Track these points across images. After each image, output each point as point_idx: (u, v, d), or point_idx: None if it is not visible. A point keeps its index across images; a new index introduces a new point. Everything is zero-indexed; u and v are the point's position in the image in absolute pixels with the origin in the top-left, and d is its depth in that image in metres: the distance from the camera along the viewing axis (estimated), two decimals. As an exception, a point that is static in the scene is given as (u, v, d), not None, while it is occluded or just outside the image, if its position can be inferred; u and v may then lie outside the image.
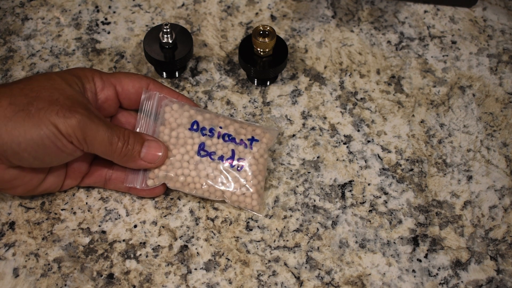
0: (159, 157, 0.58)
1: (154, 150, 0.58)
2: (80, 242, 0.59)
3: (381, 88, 0.68)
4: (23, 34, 0.71)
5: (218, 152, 0.60)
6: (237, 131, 0.61)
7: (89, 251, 0.58)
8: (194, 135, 0.60)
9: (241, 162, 0.60)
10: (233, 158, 0.60)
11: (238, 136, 0.61)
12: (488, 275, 0.58)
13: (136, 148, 0.57)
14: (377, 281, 0.58)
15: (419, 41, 0.72)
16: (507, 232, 0.61)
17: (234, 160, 0.60)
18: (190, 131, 0.60)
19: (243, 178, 0.60)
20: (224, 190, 0.60)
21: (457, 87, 0.69)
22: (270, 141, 0.61)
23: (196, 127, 0.60)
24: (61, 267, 0.57)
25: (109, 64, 0.69)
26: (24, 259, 0.58)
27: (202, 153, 0.60)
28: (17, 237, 0.59)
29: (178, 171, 0.59)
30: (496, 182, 0.63)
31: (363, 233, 0.60)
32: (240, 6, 0.74)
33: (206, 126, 0.61)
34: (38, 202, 0.60)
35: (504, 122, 0.67)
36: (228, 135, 0.61)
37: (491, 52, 0.71)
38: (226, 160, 0.60)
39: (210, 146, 0.60)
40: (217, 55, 0.70)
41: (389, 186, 0.62)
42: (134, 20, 0.72)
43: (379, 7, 0.74)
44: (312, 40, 0.71)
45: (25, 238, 0.59)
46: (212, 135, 0.61)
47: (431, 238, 0.60)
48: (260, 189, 0.61)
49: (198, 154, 0.60)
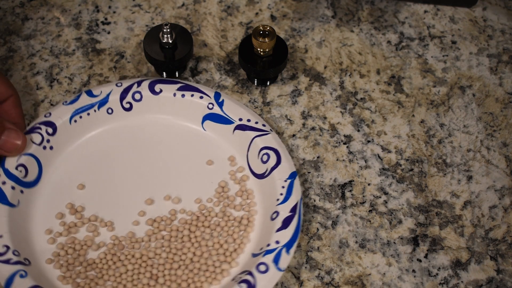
0: (18, 146, 0.58)
1: (13, 139, 0.58)
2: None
3: (381, 88, 0.68)
4: (23, 34, 0.71)
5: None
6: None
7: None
8: None
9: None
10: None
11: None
12: (488, 275, 0.58)
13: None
14: (377, 281, 0.58)
15: (419, 41, 0.72)
16: (507, 232, 0.61)
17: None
18: None
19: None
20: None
21: (457, 87, 0.69)
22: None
23: None
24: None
25: (109, 64, 0.69)
26: (24, 259, 0.58)
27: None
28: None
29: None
30: (496, 182, 0.63)
31: (363, 233, 0.60)
32: (240, 6, 0.74)
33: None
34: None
35: (504, 122, 0.67)
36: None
37: (491, 52, 0.71)
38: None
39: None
40: (217, 55, 0.70)
41: (389, 186, 0.62)
42: (134, 20, 0.72)
43: (379, 7, 0.74)
44: (312, 40, 0.71)
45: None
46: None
47: (431, 238, 0.60)
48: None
49: None
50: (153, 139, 0.64)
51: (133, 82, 0.64)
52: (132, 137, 0.64)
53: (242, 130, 0.62)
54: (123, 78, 0.68)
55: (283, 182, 0.59)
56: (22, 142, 0.59)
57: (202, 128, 0.64)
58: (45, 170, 0.61)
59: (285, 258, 0.55)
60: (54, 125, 0.61)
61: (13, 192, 0.57)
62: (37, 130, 0.61)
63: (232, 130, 0.63)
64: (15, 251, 0.55)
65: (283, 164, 0.60)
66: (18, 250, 0.55)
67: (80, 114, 0.62)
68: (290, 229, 0.56)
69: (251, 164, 0.62)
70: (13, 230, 0.56)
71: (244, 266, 0.56)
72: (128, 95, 0.63)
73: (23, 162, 0.59)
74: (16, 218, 0.57)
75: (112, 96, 0.63)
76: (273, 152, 0.60)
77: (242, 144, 0.62)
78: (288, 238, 0.56)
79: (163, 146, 0.63)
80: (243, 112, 0.63)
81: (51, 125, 0.61)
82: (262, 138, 0.61)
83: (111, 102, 0.63)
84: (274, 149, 0.61)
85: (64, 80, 0.68)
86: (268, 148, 0.61)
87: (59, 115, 0.62)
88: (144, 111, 0.64)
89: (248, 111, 0.63)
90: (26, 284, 0.53)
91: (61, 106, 0.62)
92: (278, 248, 0.55)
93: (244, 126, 0.62)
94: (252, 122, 0.62)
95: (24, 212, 0.58)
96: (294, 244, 0.55)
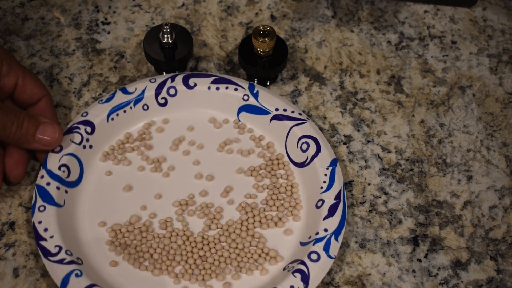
0: (55, 138, 0.59)
1: (49, 134, 0.58)
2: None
3: (381, 88, 0.68)
4: (23, 34, 0.71)
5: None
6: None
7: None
8: None
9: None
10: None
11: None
12: (488, 275, 0.58)
13: (30, 131, 0.58)
14: (377, 281, 0.58)
15: (419, 41, 0.72)
16: (507, 232, 0.61)
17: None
18: None
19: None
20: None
21: (457, 87, 0.69)
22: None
23: None
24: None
25: (109, 64, 0.69)
26: (24, 259, 0.58)
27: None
28: (17, 237, 0.59)
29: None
30: (496, 182, 0.63)
31: (363, 233, 0.60)
32: (240, 6, 0.74)
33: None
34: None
35: (504, 122, 0.67)
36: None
37: (491, 52, 0.71)
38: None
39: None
40: (217, 55, 0.70)
41: (389, 186, 0.62)
42: (134, 20, 0.72)
43: (379, 7, 0.74)
44: (312, 40, 0.71)
45: (25, 238, 0.59)
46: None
47: (431, 238, 0.60)
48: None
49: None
50: (191, 133, 0.64)
51: (167, 77, 0.65)
52: (169, 132, 0.64)
53: (279, 120, 0.63)
54: (123, 78, 0.68)
55: (325, 170, 0.60)
56: (59, 135, 0.59)
57: (238, 119, 0.65)
58: (86, 169, 0.61)
59: (334, 245, 0.56)
60: (92, 124, 0.62)
61: (58, 193, 0.58)
62: (76, 130, 0.61)
63: (268, 120, 0.63)
64: (67, 251, 0.55)
65: (323, 152, 0.61)
66: (70, 249, 0.56)
67: (117, 111, 0.63)
68: (336, 216, 0.57)
69: (290, 153, 0.63)
70: (62, 230, 0.56)
71: (294, 255, 0.57)
72: (163, 90, 0.64)
73: (65, 162, 0.60)
74: (64, 218, 0.57)
75: (147, 92, 0.64)
76: (312, 140, 0.61)
77: (280, 134, 0.63)
78: (335, 225, 0.57)
79: (201, 139, 0.64)
80: (278, 102, 0.64)
81: (90, 124, 0.62)
82: (300, 127, 0.62)
83: (146, 98, 0.64)
84: (313, 138, 0.62)
85: (64, 80, 0.68)
86: (307, 137, 0.62)
87: (96, 113, 0.62)
88: (179, 105, 0.65)
89: (284, 100, 0.64)
90: (83, 283, 0.54)
91: (97, 105, 0.63)
92: (327, 236, 0.57)
93: (281, 116, 0.63)
94: (288, 112, 0.63)
95: (70, 212, 0.59)
96: (342, 231, 0.57)
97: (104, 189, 0.61)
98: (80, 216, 0.59)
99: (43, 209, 0.57)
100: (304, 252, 0.56)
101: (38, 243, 0.56)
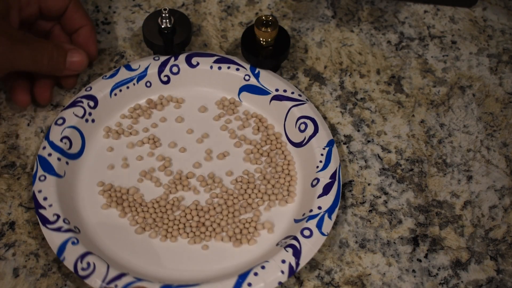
0: (83, 62, 0.63)
1: (77, 58, 0.62)
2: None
3: (381, 88, 0.68)
4: (23, 34, 0.71)
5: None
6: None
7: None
8: None
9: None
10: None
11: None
12: (488, 275, 0.58)
13: (61, 60, 0.61)
14: (377, 281, 0.58)
15: (419, 41, 0.72)
16: (507, 232, 0.61)
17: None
18: None
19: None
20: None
21: (457, 87, 0.69)
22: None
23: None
24: (61, 267, 0.57)
25: (109, 64, 0.69)
26: (24, 259, 0.58)
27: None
28: (17, 237, 0.59)
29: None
30: (496, 182, 0.63)
31: (363, 233, 0.60)
32: (240, 6, 0.74)
33: None
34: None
35: (504, 122, 0.67)
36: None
37: (491, 52, 0.71)
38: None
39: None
40: (217, 55, 0.70)
41: (389, 186, 0.62)
42: (134, 20, 0.72)
43: (379, 7, 0.74)
44: (312, 40, 0.71)
45: (25, 238, 0.59)
46: None
47: (431, 238, 0.60)
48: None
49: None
50: (192, 111, 0.65)
51: (170, 56, 0.66)
52: (171, 110, 0.65)
53: (278, 101, 0.64)
54: (123, 78, 0.68)
55: (322, 150, 0.61)
56: (85, 57, 0.63)
57: (239, 99, 0.66)
58: (88, 142, 0.63)
59: (327, 223, 0.57)
60: (95, 98, 0.63)
61: (59, 164, 0.59)
62: (79, 104, 0.63)
63: (268, 100, 0.64)
64: (65, 219, 0.57)
65: (321, 133, 0.62)
66: (67, 218, 0.57)
67: (120, 87, 0.64)
68: (331, 195, 0.58)
69: (288, 133, 0.64)
70: (61, 199, 0.58)
71: (287, 232, 0.58)
72: (166, 68, 0.65)
73: (67, 135, 0.61)
74: (63, 188, 0.59)
75: (150, 69, 0.65)
76: (310, 121, 0.62)
77: (279, 114, 0.64)
78: (329, 203, 0.58)
79: (202, 117, 0.65)
80: (279, 83, 0.64)
81: (93, 99, 0.63)
82: (299, 108, 0.63)
83: (150, 75, 0.65)
84: (311, 118, 0.62)
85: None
86: (305, 117, 0.63)
87: (99, 88, 0.64)
88: (182, 84, 0.66)
89: (284, 81, 0.65)
90: (78, 251, 0.55)
91: (100, 80, 0.64)
92: (321, 214, 0.57)
93: (280, 96, 0.64)
94: (288, 93, 0.64)
95: (70, 182, 0.60)
96: (335, 209, 0.58)
97: (105, 163, 0.62)
98: (79, 187, 0.61)
99: (43, 178, 0.58)
100: (297, 228, 0.57)
101: (37, 211, 0.57)
